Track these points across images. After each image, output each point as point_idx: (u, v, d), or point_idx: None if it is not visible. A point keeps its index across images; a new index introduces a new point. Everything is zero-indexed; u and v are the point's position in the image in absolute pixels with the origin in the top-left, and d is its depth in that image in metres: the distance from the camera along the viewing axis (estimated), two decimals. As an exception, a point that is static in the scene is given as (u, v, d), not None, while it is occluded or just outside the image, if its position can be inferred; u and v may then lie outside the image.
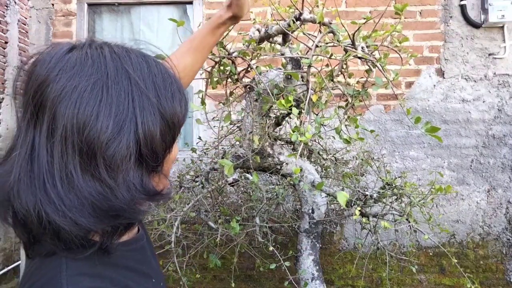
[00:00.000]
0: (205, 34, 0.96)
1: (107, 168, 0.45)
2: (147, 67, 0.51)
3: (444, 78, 2.93)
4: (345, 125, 1.37)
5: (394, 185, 1.68)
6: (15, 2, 4.32)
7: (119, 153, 0.45)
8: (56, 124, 0.45)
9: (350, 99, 1.37)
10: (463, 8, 2.91)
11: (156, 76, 0.51)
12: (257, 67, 1.52)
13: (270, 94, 1.30)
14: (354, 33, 1.22)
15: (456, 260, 1.69)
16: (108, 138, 0.45)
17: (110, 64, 0.48)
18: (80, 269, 0.47)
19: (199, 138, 2.30)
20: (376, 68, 1.26)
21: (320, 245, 1.79)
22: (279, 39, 1.51)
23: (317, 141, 1.99)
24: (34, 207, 0.44)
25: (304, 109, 1.14)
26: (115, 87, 0.47)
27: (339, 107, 1.46)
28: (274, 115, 1.69)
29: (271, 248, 1.65)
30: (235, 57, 1.46)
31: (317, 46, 1.21)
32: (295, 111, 1.11)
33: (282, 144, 1.80)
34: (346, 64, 1.33)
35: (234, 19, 0.98)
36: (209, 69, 1.55)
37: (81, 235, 0.45)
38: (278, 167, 1.68)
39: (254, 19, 1.62)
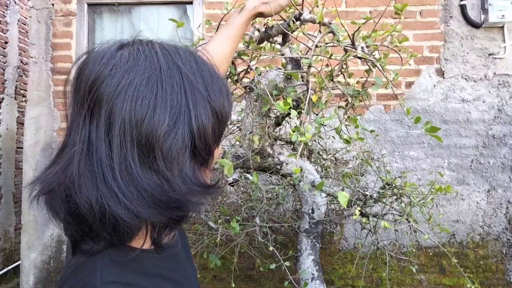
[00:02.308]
0: (242, 23, 1.00)
1: (165, 160, 0.46)
2: (195, 63, 0.52)
3: (444, 78, 2.93)
4: (345, 125, 1.37)
5: (394, 185, 1.68)
6: (15, 2, 4.33)
7: (176, 145, 0.47)
8: (114, 118, 0.46)
9: (350, 99, 1.37)
10: (463, 8, 2.91)
11: (204, 72, 0.52)
12: (256, 68, 1.52)
13: (269, 95, 1.30)
14: (354, 33, 1.22)
15: (456, 260, 1.69)
16: (165, 131, 0.46)
17: (162, 59, 0.49)
18: (114, 277, 0.47)
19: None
20: (376, 68, 1.26)
21: (320, 245, 1.79)
22: (279, 39, 1.51)
23: (317, 141, 1.99)
24: (96, 200, 0.44)
25: (304, 109, 1.14)
26: (169, 81, 0.48)
27: (339, 107, 1.46)
28: (274, 115, 1.69)
29: (271, 248, 1.65)
30: (235, 58, 1.46)
31: (317, 46, 1.21)
32: (293, 113, 1.12)
33: (282, 144, 1.80)
34: (346, 64, 1.33)
35: (262, 15, 1.04)
36: (209, 69, 1.55)
37: (139, 227, 0.46)
38: (278, 167, 1.68)
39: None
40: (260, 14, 1.04)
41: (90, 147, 0.46)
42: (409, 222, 1.59)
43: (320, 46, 1.28)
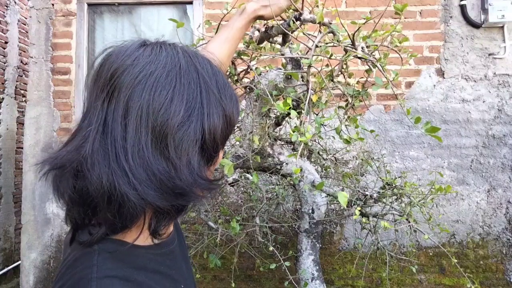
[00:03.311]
0: (242, 26, 1.01)
1: (176, 149, 0.48)
2: (211, 67, 0.55)
3: (444, 78, 2.93)
4: (345, 125, 1.37)
5: (394, 185, 1.68)
6: (15, 2, 4.32)
7: (187, 137, 0.49)
8: (132, 104, 0.48)
9: (350, 99, 1.37)
10: (463, 8, 2.91)
11: (218, 76, 0.55)
12: (256, 68, 1.52)
13: (269, 96, 1.30)
14: (354, 33, 1.22)
15: (456, 260, 1.69)
16: (179, 122, 0.49)
17: (182, 58, 0.53)
18: (110, 271, 0.47)
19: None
20: (376, 68, 1.26)
21: (320, 245, 1.79)
22: (279, 39, 1.51)
23: (317, 141, 1.99)
24: (107, 177, 0.46)
25: (304, 109, 1.14)
26: (186, 77, 0.51)
27: (339, 107, 1.46)
28: (274, 115, 1.69)
29: (271, 248, 1.65)
30: (235, 58, 1.46)
31: (317, 46, 1.21)
32: (293, 113, 1.12)
33: (282, 144, 1.80)
34: (346, 64, 1.33)
35: (262, 17, 1.04)
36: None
37: (141, 212, 0.48)
38: (278, 167, 1.68)
39: (254, 19, 1.61)
40: (260, 17, 1.04)
41: (105, 128, 0.49)
42: (409, 222, 1.59)
43: (320, 46, 1.28)
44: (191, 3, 3.08)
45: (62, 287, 0.46)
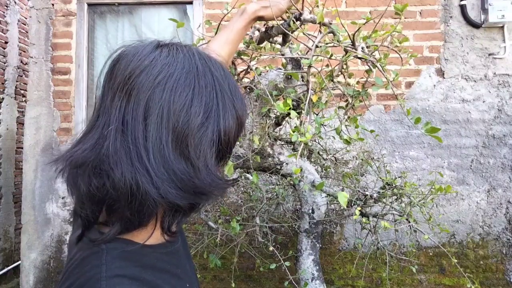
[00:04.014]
0: (241, 28, 1.01)
1: (195, 150, 0.50)
2: (223, 70, 0.56)
3: (444, 78, 2.93)
4: (345, 126, 1.37)
5: (394, 185, 1.68)
6: (15, 2, 4.32)
7: (206, 138, 0.51)
8: (152, 105, 0.49)
9: (350, 99, 1.37)
10: (463, 8, 2.91)
11: (229, 79, 0.56)
12: (256, 68, 1.52)
13: (269, 96, 1.30)
14: (354, 33, 1.22)
15: (456, 260, 1.69)
16: (199, 123, 0.50)
17: (198, 60, 0.54)
18: (119, 270, 0.48)
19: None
20: (376, 68, 1.26)
21: (320, 245, 1.79)
22: (279, 39, 1.50)
23: (317, 141, 1.99)
24: (131, 176, 0.47)
25: (304, 109, 1.14)
26: (204, 79, 0.52)
27: (339, 107, 1.46)
28: (274, 115, 1.69)
29: (271, 248, 1.65)
30: (235, 58, 1.46)
31: (317, 46, 1.21)
32: (293, 114, 1.12)
33: (282, 144, 1.80)
34: (346, 64, 1.33)
35: (262, 18, 1.04)
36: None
37: (156, 211, 0.49)
38: (278, 167, 1.68)
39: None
40: (261, 18, 1.04)
41: (125, 127, 0.49)
42: (409, 222, 1.59)
43: (320, 46, 1.28)
44: (191, 3, 3.08)
45: (71, 286, 0.46)
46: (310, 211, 1.71)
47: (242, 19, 1.00)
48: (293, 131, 1.09)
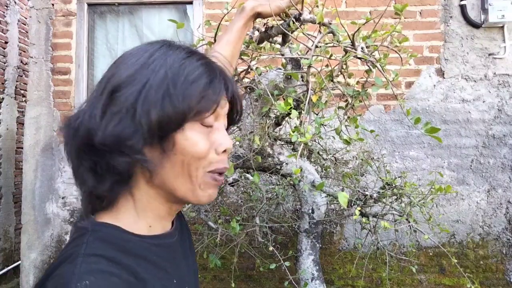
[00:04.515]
0: (241, 27, 1.01)
1: (107, 105, 0.54)
2: (179, 61, 0.56)
3: (444, 78, 2.93)
4: (345, 126, 1.37)
5: (394, 185, 1.68)
6: (15, 2, 4.32)
7: (120, 99, 0.54)
8: (102, 79, 0.58)
9: (350, 100, 1.37)
10: (463, 8, 2.91)
11: (185, 65, 0.56)
12: (256, 68, 1.52)
13: (270, 96, 1.30)
14: (354, 33, 1.22)
15: (456, 260, 1.69)
16: (118, 83, 0.55)
17: (158, 46, 0.58)
18: (98, 250, 0.50)
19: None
20: (376, 68, 1.26)
21: (320, 245, 1.79)
22: (279, 39, 1.50)
23: (317, 141, 1.99)
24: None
25: (304, 109, 1.14)
26: (148, 59, 0.56)
27: (339, 107, 1.46)
28: (274, 115, 1.69)
29: (271, 248, 1.65)
30: (235, 58, 1.45)
31: (317, 46, 1.21)
32: (294, 113, 1.12)
33: (282, 144, 1.80)
34: (346, 64, 1.33)
35: (261, 15, 1.04)
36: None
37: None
38: (278, 167, 1.68)
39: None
40: (259, 14, 1.04)
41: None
42: (409, 222, 1.59)
43: (320, 47, 1.28)
44: (191, 3, 3.08)
45: (56, 262, 0.50)
46: (310, 211, 1.71)
47: (241, 17, 1.01)
48: (293, 131, 1.09)
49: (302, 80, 1.40)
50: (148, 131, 0.53)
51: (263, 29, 1.40)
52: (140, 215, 0.58)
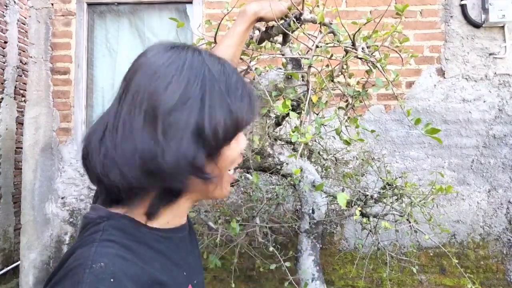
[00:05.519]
0: (243, 30, 1.01)
1: (164, 132, 0.51)
2: (223, 67, 0.57)
3: (444, 78, 2.92)
4: (345, 126, 1.36)
5: (394, 185, 1.67)
6: (14, 2, 4.31)
7: (179, 123, 0.51)
8: (129, 88, 0.54)
9: (350, 100, 1.36)
10: (463, 7, 2.90)
11: (230, 79, 0.57)
12: (256, 68, 1.52)
13: (269, 96, 1.29)
14: (355, 33, 1.21)
15: (456, 261, 1.69)
16: (170, 108, 0.51)
17: (190, 55, 0.56)
18: (114, 237, 0.52)
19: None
20: (377, 68, 1.26)
21: (321, 246, 1.79)
22: (279, 39, 1.50)
23: (317, 141, 1.99)
24: (98, 153, 0.53)
25: (304, 109, 1.13)
26: (190, 71, 0.54)
27: (339, 107, 1.45)
28: (274, 115, 1.69)
29: (271, 249, 1.65)
30: (235, 57, 1.45)
31: (317, 46, 1.21)
32: (293, 115, 1.11)
33: (282, 144, 1.79)
34: (346, 64, 1.33)
35: (263, 19, 1.04)
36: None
37: (125, 186, 0.52)
38: (278, 167, 1.68)
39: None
40: (261, 19, 1.04)
41: (108, 110, 0.57)
42: (409, 222, 1.59)
43: (321, 46, 1.28)
44: (191, 2, 3.07)
45: (73, 248, 0.52)
46: (311, 211, 1.70)
47: (243, 21, 1.00)
48: (293, 131, 1.08)
49: (303, 80, 1.40)
50: (216, 148, 0.55)
51: (263, 29, 1.40)
52: (164, 213, 0.59)
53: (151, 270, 0.52)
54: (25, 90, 4.14)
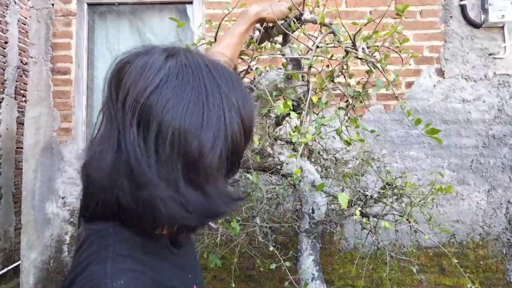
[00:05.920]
0: (243, 31, 1.02)
1: (206, 176, 0.50)
2: (230, 81, 0.54)
3: (444, 78, 2.93)
4: (346, 126, 1.36)
5: (394, 185, 1.68)
6: (15, 2, 4.32)
7: (215, 161, 0.50)
8: (163, 131, 0.48)
9: (350, 100, 1.37)
10: (463, 8, 2.90)
11: (237, 89, 0.54)
12: (256, 68, 1.52)
13: (269, 96, 1.30)
14: (355, 34, 1.22)
15: (456, 260, 1.69)
16: (209, 149, 0.49)
17: (205, 76, 0.52)
18: (125, 251, 0.51)
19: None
20: (377, 69, 1.26)
21: (320, 245, 1.79)
22: (279, 39, 1.50)
23: (317, 141, 1.99)
24: (143, 198, 0.49)
25: (304, 110, 1.14)
26: (211, 100, 0.51)
27: (339, 108, 1.46)
28: (274, 115, 1.69)
29: (271, 248, 1.65)
30: (236, 58, 1.45)
31: (317, 46, 1.21)
32: (293, 115, 1.12)
33: (282, 144, 1.80)
34: (346, 64, 1.33)
35: (264, 20, 1.05)
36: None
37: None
38: (278, 167, 1.68)
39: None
40: (262, 20, 1.05)
41: (119, 150, 0.50)
42: (409, 222, 1.59)
43: (321, 47, 1.28)
44: (191, 3, 3.07)
45: (82, 264, 0.48)
46: (310, 211, 1.70)
47: (244, 22, 1.00)
48: (294, 131, 1.08)
49: (303, 80, 1.40)
50: (238, 165, 0.56)
51: (263, 29, 1.40)
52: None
53: (163, 279, 0.53)
54: (25, 90, 4.14)
